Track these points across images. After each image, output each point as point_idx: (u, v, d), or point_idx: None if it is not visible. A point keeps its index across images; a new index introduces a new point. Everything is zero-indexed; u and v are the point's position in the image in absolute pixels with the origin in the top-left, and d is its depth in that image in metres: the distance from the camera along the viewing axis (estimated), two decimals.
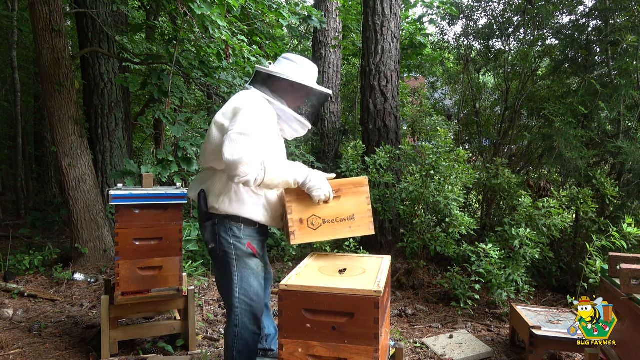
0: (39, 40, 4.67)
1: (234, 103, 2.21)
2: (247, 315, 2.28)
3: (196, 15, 4.43)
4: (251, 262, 2.29)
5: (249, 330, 2.30)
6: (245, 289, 2.27)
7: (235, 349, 2.29)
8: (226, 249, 2.26)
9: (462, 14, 6.44)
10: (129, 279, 2.96)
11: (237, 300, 2.26)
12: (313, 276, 1.93)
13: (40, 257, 5.05)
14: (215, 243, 2.28)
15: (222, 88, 5.55)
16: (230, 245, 2.25)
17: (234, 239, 2.25)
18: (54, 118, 4.78)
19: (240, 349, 2.29)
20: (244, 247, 2.27)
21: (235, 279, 2.26)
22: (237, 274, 2.26)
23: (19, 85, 8.29)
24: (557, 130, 4.50)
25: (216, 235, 2.27)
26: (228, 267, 2.27)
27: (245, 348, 2.30)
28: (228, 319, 2.32)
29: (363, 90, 5.71)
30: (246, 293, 2.27)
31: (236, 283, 2.25)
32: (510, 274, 3.85)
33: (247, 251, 2.27)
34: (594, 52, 5.04)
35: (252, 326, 2.31)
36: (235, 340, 2.29)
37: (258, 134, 2.10)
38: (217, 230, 2.26)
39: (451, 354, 3.15)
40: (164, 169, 4.41)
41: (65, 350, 3.19)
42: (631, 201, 4.47)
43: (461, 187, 4.40)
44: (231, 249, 2.26)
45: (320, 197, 2.18)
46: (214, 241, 2.28)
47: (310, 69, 2.38)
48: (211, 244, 2.30)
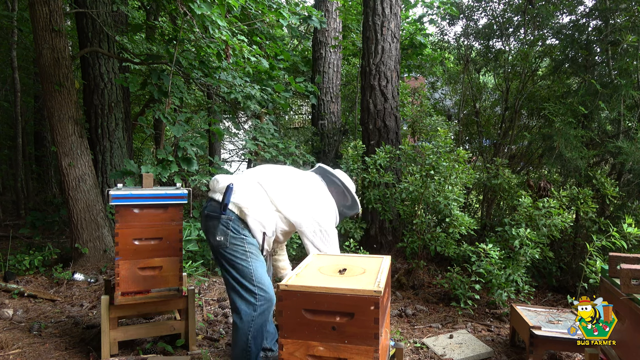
0: (39, 40, 4.67)
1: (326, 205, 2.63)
2: (267, 303, 2.43)
3: (196, 15, 4.43)
4: (260, 256, 2.50)
5: (264, 317, 2.45)
6: (260, 278, 2.44)
7: (251, 334, 2.41)
8: (237, 242, 2.42)
9: (462, 14, 6.44)
10: (129, 279, 2.96)
11: (257, 288, 2.42)
12: (313, 276, 1.93)
13: (40, 257, 5.05)
14: (224, 236, 2.42)
15: (222, 88, 5.55)
16: (243, 239, 2.44)
17: (245, 236, 2.46)
18: (54, 118, 4.78)
19: (255, 334, 2.42)
20: (254, 242, 2.48)
21: (251, 268, 2.42)
22: (252, 265, 2.42)
23: (19, 85, 8.29)
24: (557, 130, 4.50)
25: (227, 230, 2.42)
26: (242, 258, 2.42)
27: (259, 334, 2.43)
28: (239, 308, 2.43)
29: (363, 90, 5.71)
30: (262, 281, 2.44)
31: (253, 273, 2.42)
32: (510, 274, 3.85)
33: (257, 245, 2.50)
34: (594, 52, 5.04)
35: (268, 314, 2.47)
36: (251, 325, 2.41)
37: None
38: (229, 225, 2.43)
39: (451, 354, 3.15)
40: (164, 169, 4.41)
41: (65, 350, 3.19)
42: (631, 201, 4.47)
43: (461, 187, 4.40)
44: (243, 242, 2.44)
45: None
46: (224, 235, 2.42)
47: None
48: (219, 237, 2.42)
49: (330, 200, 2.64)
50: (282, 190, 2.56)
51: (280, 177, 2.64)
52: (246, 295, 2.43)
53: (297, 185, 2.62)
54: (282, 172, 2.71)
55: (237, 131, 8.53)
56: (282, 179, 2.63)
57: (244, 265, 2.43)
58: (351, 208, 2.77)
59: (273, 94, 6.02)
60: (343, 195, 2.74)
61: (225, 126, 9.58)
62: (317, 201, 2.59)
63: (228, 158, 11.49)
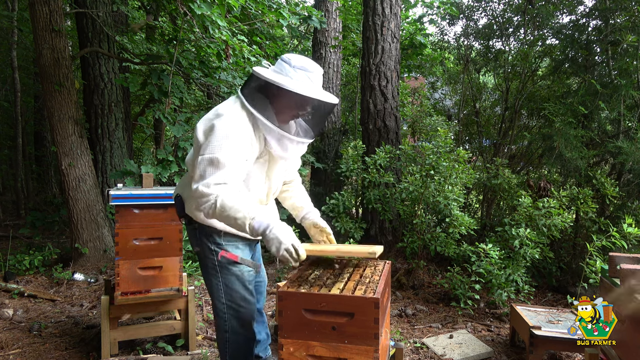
0: (39, 40, 4.67)
1: (213, 117, 2.02)
2: (235, 320, 2.21)
3: (196, 15, 4.43)
4: (234, 268, 2.17)
5: (239, 334, 2.23)
6: (230, 295, 2.18)
7: (228, 354, 2.24)
8: (208, 255, 2.18)
9: (462, 14, 6.44)
10: (129, 279, 2.96)
11: (224, 306, 2.19)
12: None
13: (40, 257, 5.05)
14: (200, 247, 2.21)
15: (222, 88, 5.55)
16: (212, 252, 2.16)
17: (214, 246, 2.16)
18: (54, 118, 4.78)
19: (233, 354, 2.24)
20: (231, 245, 2.19)
21: (219, 284, 2.18)
22: (221, 280, 2.17)
23: (19, 85, 8.29)
24: (557, 130, 4.50)
25: (198, 240, 2.20)
26: (212, 273, 2.19)
27: (237, 352, 2.24)
28: (216, 326, 2.26)
29: (363, 90, 5.71)
30: (232, 299, 2.19)
31: (221, 289, 2.18)
32: (510, 274, 3.85)
33: (228, 259, 2.10)
34: (594, 52, 5.04)
35: (242, 330, 2.23)
36: (227, 346, 2.23)
37: (228, 160, 1.92)
38: (199, 235, 2.19)
39: (451, 354, 3.15)
40: (164, 169, 4.41)
41: (65, 350, 3.19)
42: (631, 201, 4.47)
43: (461, 187, 4.40)
44: (212, 254, 2.16)
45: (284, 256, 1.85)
46: (199, 245, 2.21)
47: (309, 74, 2.04)
48: (196, 248, 2.23)
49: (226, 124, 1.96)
50: (189, 159, 2.21)
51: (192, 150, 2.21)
52: (216, 312, 2.23)
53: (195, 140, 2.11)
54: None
55: None
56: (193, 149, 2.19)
57: (214, 281, 2.18)
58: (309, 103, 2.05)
59: None
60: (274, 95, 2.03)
61: None
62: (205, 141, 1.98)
63: None
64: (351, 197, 5.17)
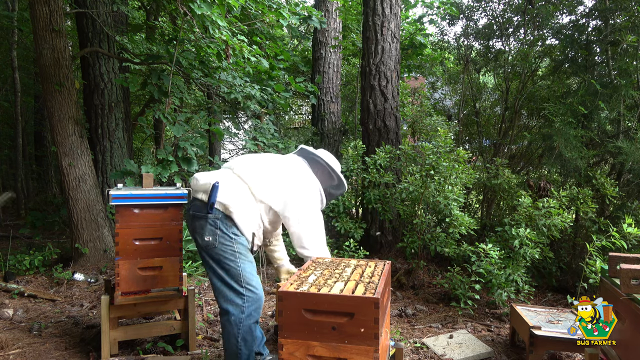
0: (39, 40, 4.67)
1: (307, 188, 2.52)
2: (254, 304, 2.40)
3: (196, 15, 4.43)
4: (250, 255, 2.46)
5: (253, 318, 2.40)
6: (248, 279, 2.39)
7: (240, 336, 2.37)
8: (227, 242, 2.37)
9: (462, 14, 6.44)
10: (129, 279, 2.96)
11: (244, 290, 2.38)
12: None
13: (40, 257, 5.05)
14: (213, 236, 2.36)
15: (222, 88, 5.55)
16: (232, 239, 2.38)
17: (234, 235, 2.40)
18: (54, 118, 4.78)
19: (244, 336, 2.37)
20: (244, 241, 2.42)
21: (239, 269, 2.37)
22: (240, 265, 2.37)
23: (19, 85, 8.30)
24: (557, 130, 4.50)
25: (216, 230, 2.36)
26: (231, 259, 2.37)
27: (249, 336, 2.39)
28: (226, 310, 2.39)
29: (363, 90, 5.71)
30: (250, 282, 2.39)
31: (241, 274, 2.37)
32: (510, 274, 3.85)
33: (247, 245, 2.44)
34: (594, 52, 5.04)
35: (257, 315, 2.42)
36: (240, 328, 2.36)
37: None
38: (218, 225, 2.37)
39: (451, 354, 3.15)
40: (164, 169, 4.41)
41: (65, 350, 3.19)
42: (631, 201, 4.47)
43: (461, 187, 4.40)
44: (232, 242, 2.38)
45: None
46: (212, 235, 2.36)
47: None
48: (207, 237, 2.37)
49: (313, 181, 2.55)
50: (261, 179, 2.48)
51: (259, 165, 2.55)
52: (234, 296, 2.38)
53: (276, 171, 2.53)
54: (261, 160, 2.62)
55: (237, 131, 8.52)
56: (261, 167, 2.55)
57: (232, 265, 2.38)
58: (338, 187, 2.69)
59: (273, 94, 6.02)
60: (328, 175, 2.65)
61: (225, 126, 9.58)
62: (299, 184, 2.49)
63: (228, 158, 11.49)
64: (351, 197, 5.17)
